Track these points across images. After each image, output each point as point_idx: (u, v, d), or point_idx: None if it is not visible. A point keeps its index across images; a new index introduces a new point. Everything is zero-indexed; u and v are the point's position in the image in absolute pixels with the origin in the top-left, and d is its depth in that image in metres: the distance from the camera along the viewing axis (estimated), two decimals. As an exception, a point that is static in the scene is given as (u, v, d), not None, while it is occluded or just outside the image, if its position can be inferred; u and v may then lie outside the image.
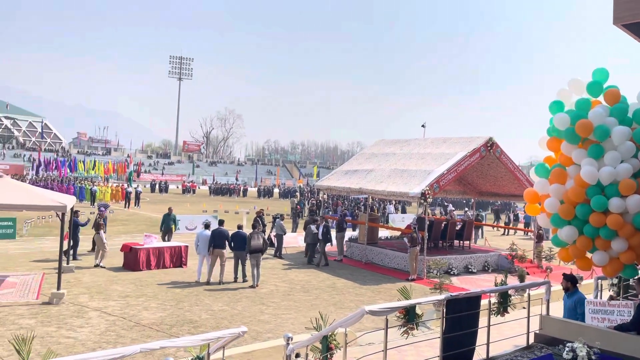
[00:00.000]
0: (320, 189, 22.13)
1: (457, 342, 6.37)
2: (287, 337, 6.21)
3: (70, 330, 9.62)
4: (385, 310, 5.57)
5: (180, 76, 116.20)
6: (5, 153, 79.38)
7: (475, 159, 17.25)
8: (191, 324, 10.46)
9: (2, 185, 12.13)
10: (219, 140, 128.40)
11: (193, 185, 62.45)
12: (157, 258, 15.72)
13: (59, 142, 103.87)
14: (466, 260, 17.72)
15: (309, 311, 11.71)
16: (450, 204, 45.84)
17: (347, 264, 18.28)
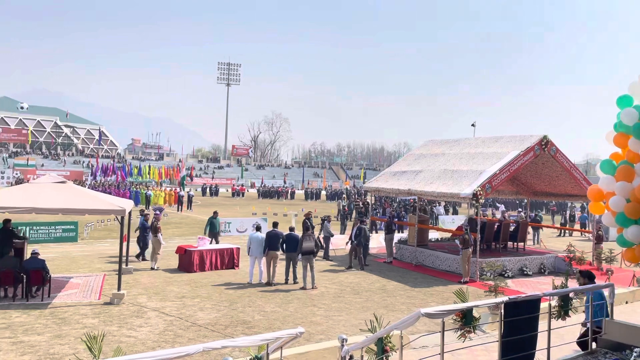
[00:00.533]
0: (368, 191, 22.05)
1: (516, 346, 6.21)
2: (341, 339, 6.23)
3: (131, 330, 9.98)
4: (442, 312, 5.50)
5: (229, 82, 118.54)
6: (66, 160, 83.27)
7: (529, 158, 16.75)
8: (245, 324, 10.65)
9: (66, 190, 12.75)
10: (267, 144, 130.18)
11: (242, 188, 63.55)
12: (210, 260, 16.09)
13: (114, 148, 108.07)
14: (521, 263, 17.22)
15: (360, 313, 11.70)
16: (503, 204, 44.68)
17: (397, 266, 18.14)
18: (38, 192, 12.31)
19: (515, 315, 6.20)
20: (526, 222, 20.69)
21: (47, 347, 8.85)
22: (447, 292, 14.14)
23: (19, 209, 11.59)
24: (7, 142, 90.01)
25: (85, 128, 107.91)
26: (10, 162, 75.16)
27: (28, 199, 11.86)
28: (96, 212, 12.62)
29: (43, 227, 20.43)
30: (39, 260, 12.11)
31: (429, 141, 22.21)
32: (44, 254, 12.98)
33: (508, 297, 6.20)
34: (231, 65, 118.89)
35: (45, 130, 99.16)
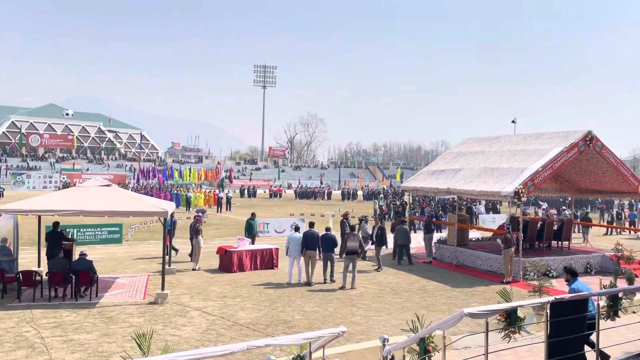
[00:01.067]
0: (406, 190, 21.86)
1: (563, 347, 6.06)
2: (383, 339, 6.21)
3: (175, 329, 10.22)
4: (486, 312, 5.41)
5: (265, 84, 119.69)
6: (110, 164, 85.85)
7: (573, 154, 16.27)
8: (285, 324, 10.74)
9: (111, 193, 13.18)
10: (303, 145, 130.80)
11: (279, 189, 64.05)
12: (250, 260, 16.31)
13: (155, 152, 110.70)
14: (566, 262, 16.70)
15: (399, 313, 11.63)
16: (545, 202, 43.53)
17: (436, 266, 17.93)
18: (85, 195, 12.77)
19: (561, 315, 6.04)
20: (571, 221, 20.09)
21: (96, 345, 9.16)
22: (489, 293, 13.89)
23: (67, 212, 12.05)
24: (54, 147, 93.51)
25: (127, 132, 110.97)
26: (57, 167, 78.06)
27: (75, 202, 12.31)
28: (140, 214, 12.98)
29: (90, 230, 21.13)
30: (87, 261, 12.54)
31: (468, 139, 21.85)
32: (91, 255, 13.42)
33: (554, 296, 6.05)
34: (267, 67, 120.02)
35: (90, 135, 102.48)
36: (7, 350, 8.81)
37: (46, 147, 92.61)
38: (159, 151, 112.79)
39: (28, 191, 55.42)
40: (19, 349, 8.92)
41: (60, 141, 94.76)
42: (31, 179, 65.37)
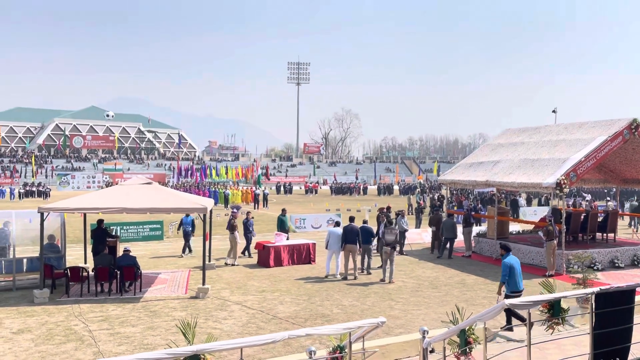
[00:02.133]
0: (443, 183, 21.59)
1: (609, 340, 5.89)
2: (422, 331, 6.18)
3: (216, 322, 10.43)
4: (528, 303, 5.31)
5: (299, 81, 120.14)
6: (149, 163, 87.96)
7: (618, 143, 15.71)
8: (324, 317, 10.81)
9: (152, 190, 13.52)
10: (337, 141, 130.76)
11: (315, 185, 64.27)
12: (287, 255, 16.46)
13: (193, 150, 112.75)
14: (612, 254, 16.23)
15: (439, 307, 11.52)
16: (589, 194, 42.22)
17: (476, 260, 17.67)
18: (127, 193, 13.14)
19: (607, 307, 5.88)
20: (616, 212, 19.44)
21: (141, 338, 9.45)
22: (531, 286, 13.59)
23: (110, 210, 12.44)
24: (96, 148, 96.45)
25: (165, 132, 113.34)
26: (100, 167, 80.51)
27: (118, 200, 12.69)
28: (180, 210, 13.27)
29: (132, 227, 21.74)
30: (131, 257, 12.91)
31: (506, 130, 21.40)
32: (134, 252, 13.80)
33: (599, 287, 5.89)
34: (300, 64, 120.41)
35: (130, 136, 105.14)
36: (58, 343, 9.18)
37: (89, 148, 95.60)
38: (196, 150, 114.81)
39: (73, 191, 57.40)
40: (69, 341, 9.28)
41: (102, 142, 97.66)
42: (75, 180, 67.65)
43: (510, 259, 9.10)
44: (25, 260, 13.39)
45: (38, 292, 11.93)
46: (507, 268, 8.97)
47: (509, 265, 8.97)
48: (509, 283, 9.05)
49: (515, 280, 8.92)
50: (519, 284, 8.87)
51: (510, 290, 8.95)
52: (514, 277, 9.01)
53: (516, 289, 8.90)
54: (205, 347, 4.28)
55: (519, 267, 9.03)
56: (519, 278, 8.86)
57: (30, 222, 14.25)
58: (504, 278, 8.92)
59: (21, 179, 67.91)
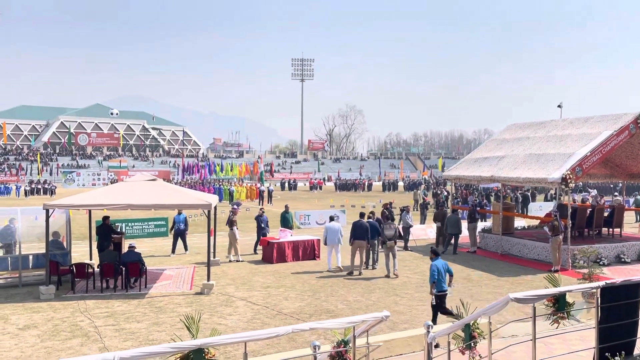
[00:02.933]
0: (448, 179, 21.54)
1: (615, 334, 5.86)
2: (427, 325, 6.17)
3: (221, 318, 10.45)
4: (532, 297, 5.29)
5: (303, 77, 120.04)
6: (154, 160, 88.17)
7: (624, 137, 15.62)
8: (329, 313, 10.81)
9: (157, 187, 13.54)
10: (342, 137, 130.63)
11: (319, 182, 64.29)
12: (292, 251, 16.47)
13: (197, 148, 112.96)
14: (617, 249, 16.16)
15: (444, 302, 11.49)
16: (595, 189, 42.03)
17: (481, 255, 17.63)
18: (132, 189, 13.16)
19: (613, 301, 5.85)
20: (622, 206, 19.34)
21: (146, 334, 9.48)
22: (536, 281, 13.58)
23: (115, 206, 12.47)
24: (101, 146, 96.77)
25: (170, 130, 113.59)
26: (105, 164, 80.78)
27: (123, 196, 12.72)
28: (185, 206, 13.30)
29: (137, 223, 21.80)
30: (136, 253, 12.95)
31: (511, 125, 21.31)
32: (139, 248, 13.84)
33: (604, 281, 5.86)
34: (304, 60, 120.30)
35: (135, 133, 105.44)
36: (64, 339, 9.22)
37: (94, 145, 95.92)
38: (201, 147, 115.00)
39: (78, 188, 57.59)
40: (75, 337, 9.32)
41: (107, 139, 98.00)
42: (81, 177, 67.87)
43: (438, 262, 9.86)
44: (31, 257, 13.46)
45: (44, 288, 11.99)
46: (436, 270, 9.71)
47: (437, 267, 9.73)
48: (437, 283, 9.71)
49: (440, 281, 9.69)
50: (444, 285, 9.68)
51: (437, 290, 9.66)
52: (440, 277, 9.73)
53: (441, 289, 9.66)
54: (210, 341, 4.29)
55: (444, 270, 9.81)
56: (443, 280, 9.71)
57: (35, 219, 14.32)
58: (434, 278, 9.63)
59: (27, 176, 68.24)
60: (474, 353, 5.91)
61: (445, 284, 9.72)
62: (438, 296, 9.63)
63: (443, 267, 9.78)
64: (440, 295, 9.62)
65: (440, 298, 9.62)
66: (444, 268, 9.77)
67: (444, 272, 9.76)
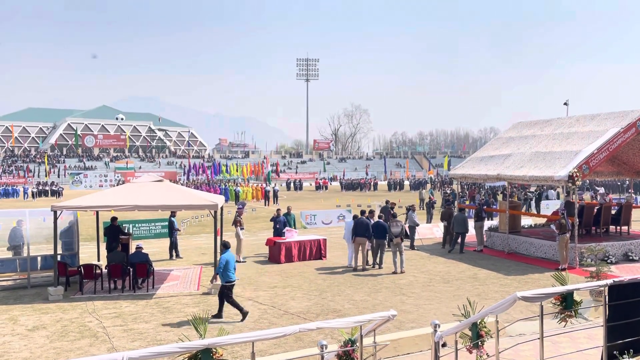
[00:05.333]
0: (454, 178, 21.49)
1: (623, 332, 5.83)
2: (434, 324, 6.16)
3: (228, 318, 10.48)
4: (540, 296, 5.27)
5: (308, 77, 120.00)
6: (160, 161, 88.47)
7: (631, 135, 15.53)
8: (335, 312, 10.82)
9: (164, 188, 13.59)
10: (347, 137, 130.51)
11: (325, 181, 64.27)
12: (298, 251, 16.49)
13: (203, 148, 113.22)
14: (625, 247, 16.07)
15: (451, 302, 11.48)
16: (602, 187, 41.79)
17: (488, 254, 17.58)
18: (139, 190, 13.23)
19: (620, 299, 5.82)
20: (630, 204, 19.22)
21: (154, 334, 9.53)
22: (543, 280, 13.53)
23: (123, 207, 12.53)
24: (108, 147, 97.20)
25: (176, 131, 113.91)
26: (112, 166, 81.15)
27: (130, 197, 12.78)
28: (191, 207, 13.34)
29: (144, 224, 21.90)
30: (143, 254, 13.01)
31: (517, 123, 21.23)
32: (146, 249, 13.90)
33: (612, 279, 5.84)
34: (309, 60, 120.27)
35: (141, 134, 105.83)
36: (72, 340, 9.29)
37: (101, 147, 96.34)
38: (207, 148, 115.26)
39: (85, 190, 57.91)
40: (83, 337, 9.38)
41: (113, 141, 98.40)
42: (88, 178, 68.22)
43: (227, 255, 10.55)
44: (40, 258, 13.55)
45: (52, 289, 12.07)
46: (224, 262, 10.42)
47: (225, 259, 10.41)
48: (224, 275, 10.40)
49: (229, 272, 10.39)
50: (232, 276, 10.45)
51: (225, 280, 10.38)
52: (228, 270, 10.42)
53: (229, 279, 10.42)
54: (217, 341, 4.31)
55: (233, 262, 10.53)
56: (232, 271, 10.45)
57: (44, 221, 14.41)
58: (219, 270, 10.47)
59: (34, 178, 68.62)
60: (482, 352, 5.90)
61: (234, 275, 10.50)
62: (226, 286, 10.39)
63: (233, 259, 10.61)
64: (228, 286, 10.39)
65: (228, 288, 10.40)
66: (233, 260, 10.58)
67: (232, 264, 10.48)
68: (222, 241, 11.21)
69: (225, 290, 10.42)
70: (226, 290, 10.42)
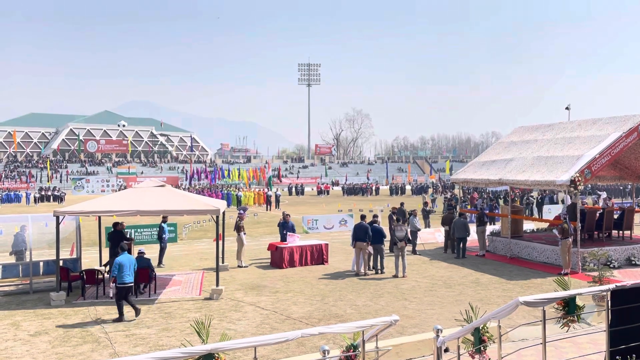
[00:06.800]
0: (456, 183, 21.48)
1: (626, 337, 5.81)
2: (436, 329, 6.16)
3: (230, 323, 10.48)
4: (542, 301, 5.27)
5: (309, 82, 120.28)
6: (162, 166, 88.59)
7: (633, 139, 15.52)
8: (337, 317, 10.81)
9: (166, 193, 13.62)
10: (349, 141, 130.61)
11: (327, 186, 64.29)
12: (300, 256, 16.48)
13: (205, 153, 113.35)
14: (628, 252, 16.03)
15: (453, 307, 11.46)
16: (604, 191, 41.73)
17: (490, 259, 17.55)
18: (141, 195, 13.26)
19: (623, 304, 5.81)
20: (632, 209, 19.19)
21: (156, 339, 9.52)
22: (545, 285, 13.49)
23: (125, 212, 12.55)
24: (110, 152, 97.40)
25: (178, 136, 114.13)
26: (114, 171, 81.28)
27: (132, 202, 12.80)
28: (194, 212, 13.35)
29: (146, 229, 21.88)
30: (145, 259, 13.01)
31: (519, 128, 21.24)
32: (148, 254, 13.90)
33: (615, 284, 5.82)
34: (311, 65, 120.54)
35: (143, 139, 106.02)
36: (75, 345, 9.29)
37: (103, 152, 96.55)
38: (208, 153, 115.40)
39: (87, 195, 57.98)
40: (85, 343, 9.38)
41: (115, 146, 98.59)
42: (90, 184, 68.32)
43: (121, 257, 10.98)
44: (42, 263, 13.57)
45: (54, 294, 12.08)
46: (117, 265, 10.85)
47: (119, 262, 10.85)
48: (118, 277, 10.80)
49: (123, 275, 10.79)
50: (125, 278, 10.81)
51: (119, 282, 10.78)
52: (122, 272, 10.80)
53: (122, 281, 10.80)
54: (220, 346, 4.31)
55: (128, 264, 10.91)
56: (125, 274, 10.83)
57: (46, 226, 14.44)
58: (114, 273, 10.88)
59: (37, 183, 68.79)
60: (484, 357, 5.89)
61: (129, 278, 10.92)
62: (119, 288, 10.80)
63: (129, 262, 11.00)
64: (121, 287, 10.80)
65: (120, 290, 10.80)
66: (130, 263, 10.98)
67: (127, 267, 10.87)
68: (120, 244, 11.72)
69: (119, 292, 10.84)
70: (120, 292, 10.83)
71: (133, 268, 11.12)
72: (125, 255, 11.14)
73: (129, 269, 10.94)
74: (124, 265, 10.88)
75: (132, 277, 11.05)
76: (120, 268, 10.82)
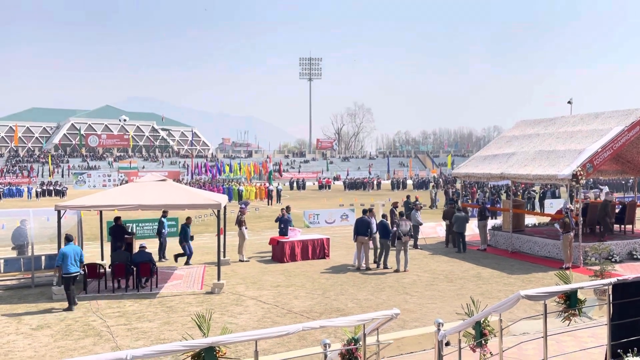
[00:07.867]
0: (457, 177, 21.45)
1: (627, 331, 5.81)
2: (437, 323, 6.15)
3: (232, 317, 10.50)
4: (543, 294, 5.26)
5: (311, 76, 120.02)
6: (164, 161, 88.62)
7: (635, 133, 15.47)
8: (339, 311, 10.82)
9: (167, 187, 13.63)
10: (350, 136, 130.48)
11: (328, 181, 64.27)
12: (301, 250, 16.49)
13: (206, 148, 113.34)
14: (630, 246, 16.01)
15: (454, 301, 11.47)
16: (606, 185, 41.66)
17: (491, 253, 17.55)
18: (142, 190, 13.26)
19: (625, 298, 5.80)
20: (634, 203, 19.16)
21: (158, 333, 9.55)
22: (547, 279, 13.49)
23: (126, 207, 12.56)
24: (111, 147, 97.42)
25: (179, 130, 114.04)
26: (115, 165, 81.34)
27: (134, 197, 12.82)
28: (195, 206, 13.37)
29: (148, 224, 21.92)
30: (147, 253, 13.04)
31: (521, 122, 21.18)
32: (149, 248, 13.93)
33: (616, 278, 5.81)
34: (312, 59, 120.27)
35: (144, 134, 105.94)
36: (77, 339, 9.31)
37: (104, 147, 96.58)
38: (210, 147, 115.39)
39: (89, 189, 58.05)
40: (87, 337, 9.41)
41: (117, 141, 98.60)
42: (91, 178, 68.41)
43: (66, 248, 11.27)
44: (44, 257, 13.59)
45: (56, 288, 12.10)
46: (61, 255, 11.14)
47: (62, 252, 11.15)
48: (62, 267, 11.06)
49: (67, 265, 11.05)
50: (69, 269, 11.05)
51: (63, 272, 11.07)
52: (66, 262, 11.06)
53: (66, 271, 11.04)
54: (221, 339, 4.32)
55: (72, 255, 11.16)
56: (70, 263, 11.07)
57: (47, 220, 14.45)
58: (58, 263, 11.17)
59: (38, 178, 68.86)
60: (485, 350, 5.89)
61: (74, 267, 11.15)
62: (64, 277, 11.09)
63: (74, 252, 11.26)
64: (66, 277, 11.05)
65: (64, 279, 11.09)
66: (75, 253, 11.25)
67: (71, 257, 11.08)
68: (66, 234, 11.85)
69: (64, 282, 11.16)
70: (65, 282, 11.14)
71: (78, 258, 11.35)
72: (70, 246, 11.36)
73: (72, 259, 11.15)
74: (68, 256, 11.09)
75: (76, 267, 11.26)
76: (64, 258, 11.05)
